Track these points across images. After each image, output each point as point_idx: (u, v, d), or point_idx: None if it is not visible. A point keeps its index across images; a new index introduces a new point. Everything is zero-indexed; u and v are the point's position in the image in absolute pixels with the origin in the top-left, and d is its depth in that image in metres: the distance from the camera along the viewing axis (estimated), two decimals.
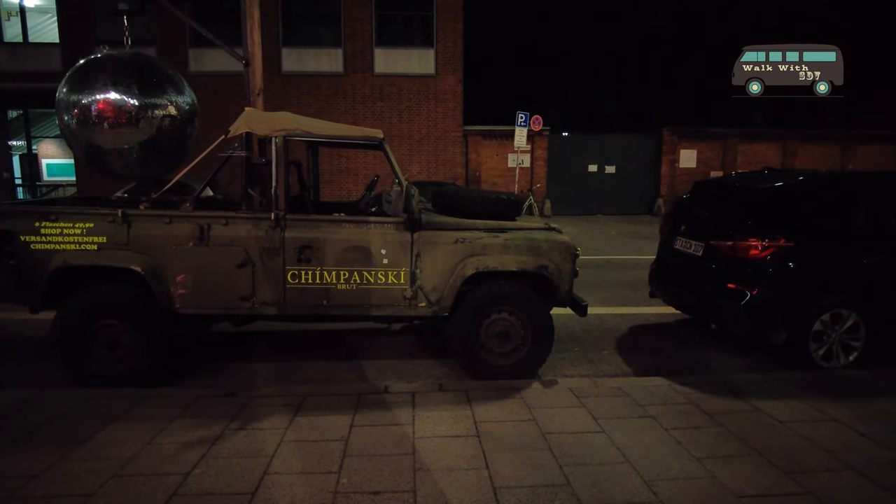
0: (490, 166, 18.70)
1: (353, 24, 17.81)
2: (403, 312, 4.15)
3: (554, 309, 4.36)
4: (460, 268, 4.08)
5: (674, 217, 5.83)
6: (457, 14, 17.92)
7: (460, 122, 18.25)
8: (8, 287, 4.00)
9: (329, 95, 17.90)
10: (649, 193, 19.52)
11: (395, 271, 4.06)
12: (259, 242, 3.95)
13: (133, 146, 4.39)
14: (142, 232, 3.92)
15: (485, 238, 4.13)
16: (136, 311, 3.97)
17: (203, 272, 3.95)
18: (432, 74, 18.10)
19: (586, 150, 19.28)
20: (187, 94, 4.69)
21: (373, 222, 4.08)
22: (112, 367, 4.04)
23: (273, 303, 4.03)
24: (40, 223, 3.91)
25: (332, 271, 4.02)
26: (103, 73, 4.31)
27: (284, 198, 4.01)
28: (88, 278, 4.01)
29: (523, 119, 15.77)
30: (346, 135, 4.25)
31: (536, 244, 4.17)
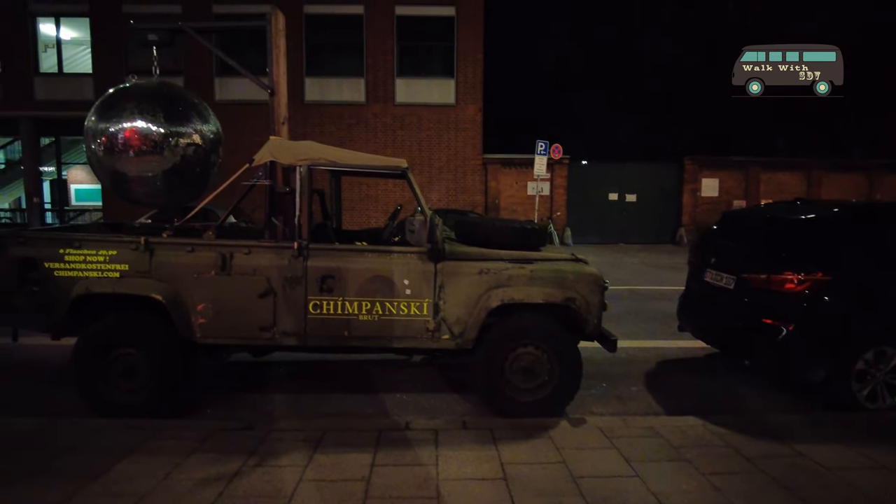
0: (509, 194, 18.67)
1: (375, 54, 18.12)
2: (426, 345, 4.04)
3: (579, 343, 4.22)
4: (484, 299, 3.97)
5: (703, 249, 5.67)
6: (477, 45, 18.15)
7: (480, 150, 18.32)
8: (31, 313, 3.98)
9: (351, 125, 18.13)
10: (671, 222, 19.30)
11: (418, 302, 3.96)
12: (281, 272, 3.89)
13: (157, 174, 4.40)
14: (164, 260, 3.88)
15: (510, 269, 4.02)
16: (155, 341, 3.91)
17: (224, 301, 3.89)
18: (452, 104, 18.26)
19: (606, 179, 19.19)
20: (212, 123, 4.71)
21: (396, 252, 4.01)
22: (129, 396, 3.97)
23: (294, 333, 3.95)
24: (64, 250, 3.90)
25: (353, 301, 3.93)
26: (131, 101, 4.35)
27: (308, 227, 3.96)
28: (110, 306, 3.98)
29: (543, 147, 15.76)
30: (370, 164, 4.22)
31: (563, 276, 4.05)
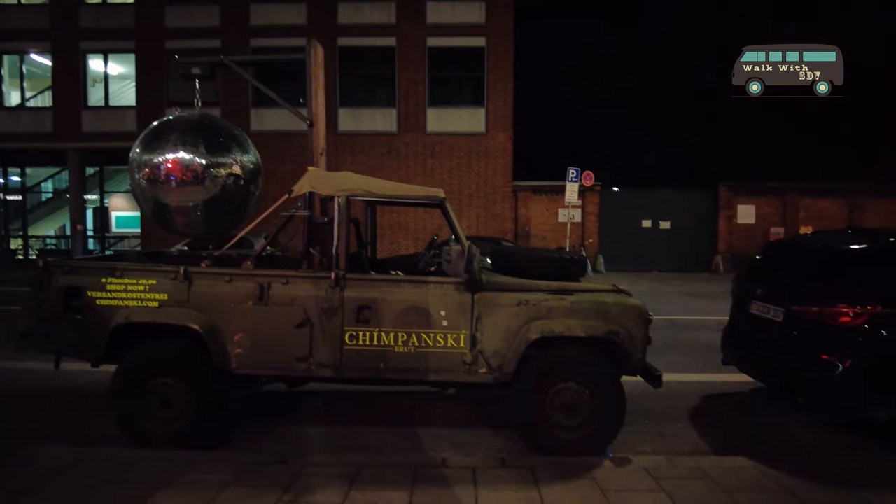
0: (540, 221, 18.57)
1: (407, 85, 18.42)
2: (462, 378, 3.94)
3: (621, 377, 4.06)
4: (523, 332, 3.87)
5: (747, 279, 5.47)
6: (507, 74, 18.32)
7: (510, 177, 18.34)
8: (73, 341, 4.03)
9: (383, 153, 18.38)
10: (706, 250, 18.87)
11: (455, 334, 3.88)
12: (318, 302, 3.86)
13: (198, 204, 4.46)
14: (202, 290, 3.90)
15: (549, 300, 3.92)
16: (191, 371, 3.91)
17: (261, 332, 3.88)
18: (483, 132, 18.39)
19: (639, 206, 18.94)
20: (251, 154, 4.78)
21: (432, 282, 3.95)
22: (165, 426, 3.96)
23: (329, 365, 3.90)
24: (106, 279, 3.95)
25: (389, 333, 3.87)
26: (173, 133, 4.44)
27: (345, 257, 3.94)
28: (148, 335, 4.00)
29: (574, 174, 15.66)
30: (408, 195, 4.20)
31: (605, 308, 3.93)
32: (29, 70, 20.64)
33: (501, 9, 18.36)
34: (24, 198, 21.47)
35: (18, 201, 21.46)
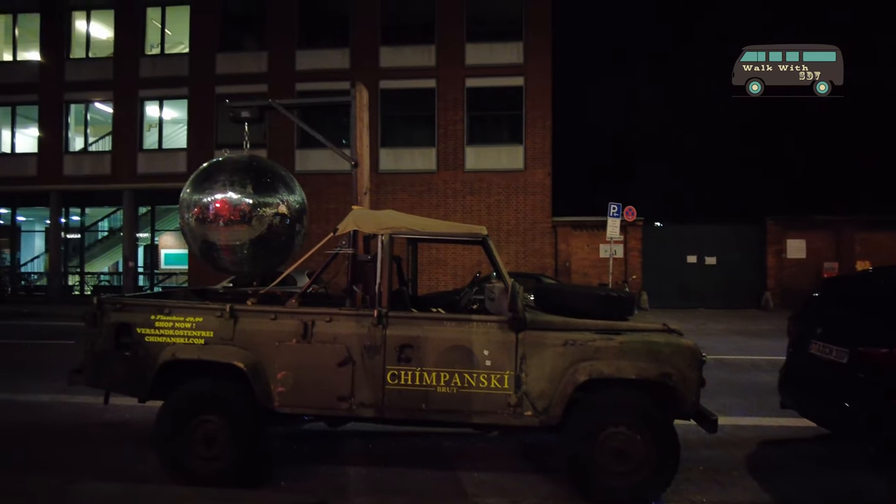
0: (581, 257, 18.32)
1: (446, 125, 18.75)
2: (507, 421, 3.82)
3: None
4: (570, 373, 3.74)
5: (804, 317, 5.21)
6: (546, 112, 18.45)
7: (549, 213, 18.25)
8: (122, 377, 4.10)
9: (422, 191, 18.62)
10: (754, 286, 18.19)
11: (499, 375, 3.78)
12: (361, 340, 3.84)
13: (245, 243, 4.55)
14: (247, 327, 3.93)
15: (597, 340, 3.79)
16: (235, 408, 3.91)
17: (304, 370, 3.87)
18: (521, 169, 18.45)
19: (683, 241, 18.50)
20: (298, 194, 4.89)
21: (475, 321, 3.88)
22: (208, 464, 3.95)
23: (371, 404, 3.85)
24: (155, 316, 4.03)
25: (432, 372, 3.80)
26: (223, 174, 4.59)
27: (388, 295, 3.93)
28: (194, 372, 4.04)
29: (616, 209, 15.46)
30: (450, 232, 4.19)
31: (657, 349, 3.77)
32: (92, 117, 21.95)
33: (539, 49, 18.63)
34: (83, 236, 22.55)
35: (77, 239, 22.54)
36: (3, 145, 22.15)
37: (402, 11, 19.46)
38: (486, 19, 18.98)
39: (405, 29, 19.46)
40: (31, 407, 6.10)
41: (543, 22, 18.75)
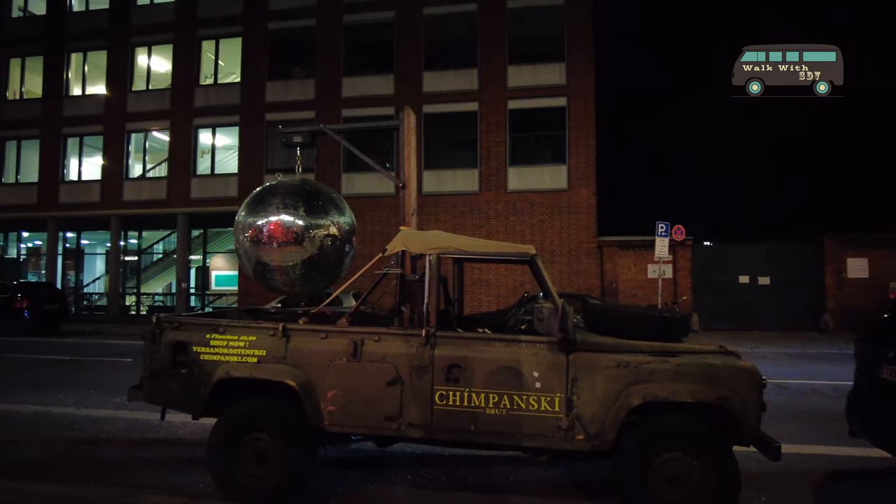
0: (628, 277, 17.95)
1: (488, 146, 18.86)
2: (558, 445, 3.73)
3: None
4: (624, 396, 3.64)
5: (874, 340, 4.93)
6: (589, 132, 18.34)
7: (594, 233, 18.00)
8: (178, 394, 4.22)
9: (464, 212, 18.70)
10: (811, 307, 17.39)
11: (549, 397, 3.71)
12: (409, 360, 3.85)
13: (297, 264, 4.66)
14: (299, 346, 4.00)
15: (652, 362, 3.68)
16: (286, 427, 3.96)
17: (353, 389, 3.90)
18: (565, 189, 18.33)
19: (735, 260, 17.92)
20: (347, 215, 4.98)
21: (524, 341, 3.84)
22: (259, 482, 3.99)
23: (419, 425, 3.83)
24: (210, 335, 4.14)
25: (480, 393, 3.77)
26: (276, 197, 4.72)
27: (436, 315, 3.93)
28: (246, 390, 4.12)
29: (664, 229, 15.13)
30: (498, 252, 4.18)
31: (714, 371, 3.64)
32: (150, 145, 23.10)
33: (581, 69, 18.61)
34: (139, 258, 23.57)
35: (134, 262, 23.57)
36: (71, 173, 23.52)
37: (445, 37, 19.81)
38: (528, 42, 19.11)
39: (447, 54, 19.78)
40: (93, 421, 6.35)
41: (585, 42, 18.75)
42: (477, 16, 19.41)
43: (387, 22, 20.23)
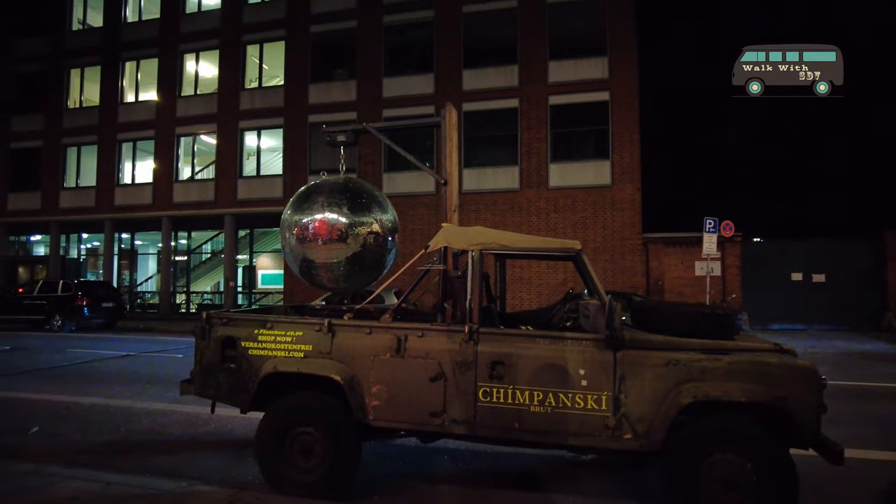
0: (674, 275, 17.49)
1: (529, 143, 18.68)
2: (605, 444, 3.66)
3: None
4: (673, 395, 3.54)
5: None
6: (633, 126, 17.95)
7: (639, 229, 17.61)
8: (227, 388, 4.33)
9: (505, 210, 18.58)
10: (871, 306, 16.55)
11: (595, 395, 3.64)
12: (452, 356, 3.85)
13: (341, 261, 4.72)
14: (344, 342, 4.05)
15: (703, 360, 3.57)
16: (331, 421, 4.01)
17: (397, 384, 3.92)
18: (608, 185, 17.99)
19: (787, 257, 17.22)
20: (390, 213, 5.02)
21: (570, 339, 3.78)
22: (305, 475, 4.06)
23: (463, 421, 3.82)
24: (258, 331, 4.24)
25: (524, 391, 3.73)
26: (321, 195, 4.80)
27: (479, 311, 3.91)
28: (291, 384, 4.20)
29: (712, 225, 14.68)
30: (542, 247, 4.13)
31: (769, 370, 3.50)
32: (198, 149, 23.84)
33: (624, 62, 18.22)
34: (189, 258, 24.37)
35: (184, 261, 24.39)
36: (125, 177, 24.51)
37: (484, 35, 19.71)
38: (569, 36, 18.83)
39: (487, 51, 19.68)
40: (149, 414, 6.60)
41: (628, 35, 18.35)
42: (517, 12, 19.24)
43: (426, 21, 20.29)
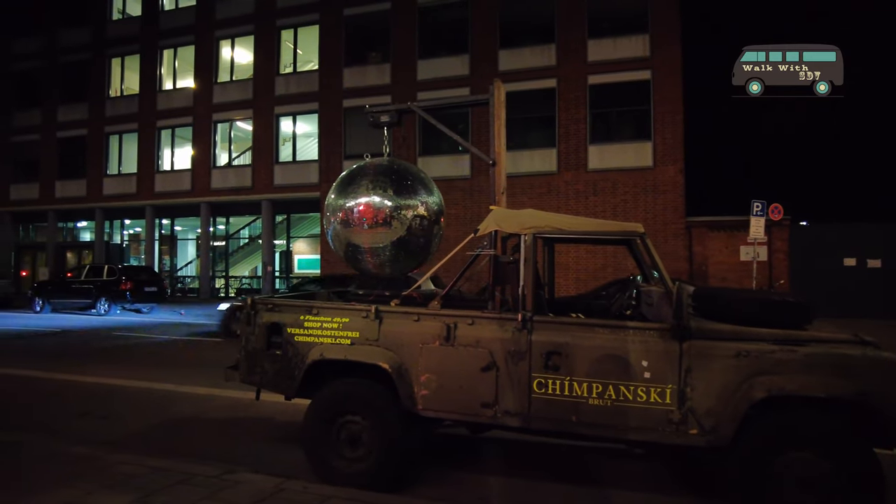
0: (718, 260, 16.91)
1: (567, 124, 18.23)
2: (668, 439, 3.45)
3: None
4: (745, 389, 3.30)
5: None
6: (676, 105, 17.32)
7: (682, 213, 17.06)
8: (272, 375, 4.27)
9: (542, 193, 18.23)
10: None
11: (659, 388, 3.43)
12: (504, 345, 3.68)
13: (386, 245, 4.59)
14: (391, 329, 3.92)
15: (777, 352, 3.31)
16: (379, 410, 3.91)
17: (447, 373, 3.78)
18: (650, 167, 17.45)
19: (840, 241, 16.42)
20: (436, 195, 4.86)
21: (632, 328, 3.56)
22: (351, 464, 3.98)
23: (516, 413, 3.66)
24: (304, 317, 4.14)
25: (582, 382, 3.54)
26: (365, 178, 4.66)
27: (532, 298, 3.72)
28: (337, 371, 4.10)
29: (760, 208, 14.09)
30: (602, 231, 3.90)
31: (850, 362, 3.22)
32: (235, 135, 24.08)
33: (667, 40, 17.53)
34: (227, 243, 24.77)
35: (222, 246, 24.80)
36: (164, 163, 24.98)
37: (521, 14, 19.23)
38: (609, 14, 18.20)
39: (524, 30, 19.21)
40: (192, 399, 6.65)
41: (670, 11, 17.63)
42: None
43: (461, 1, 19.90)
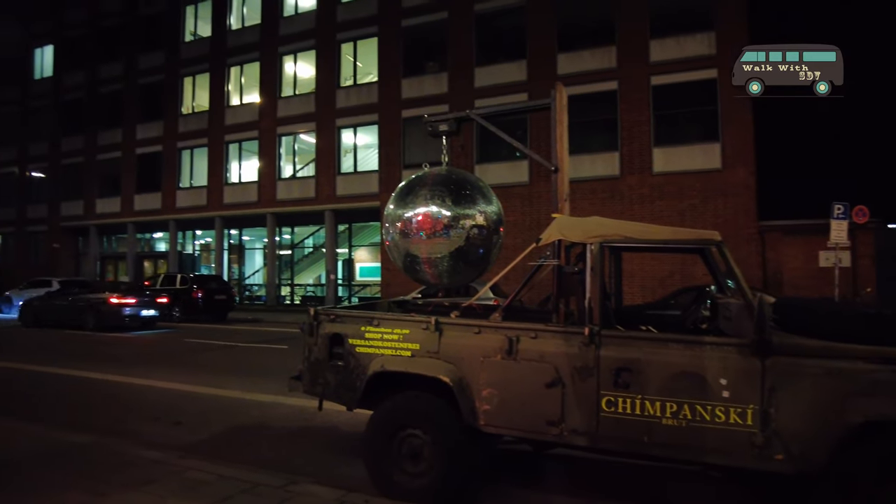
0: (794, 266, 15.93)
1: (630, 127, 17.73)
2: (751, 464, 3.18)
3: None
4: (838, 412, 3.00)
5: None
6: (745, 104, 16.48)
7: (754, 217, 16.19)
8: (334, 386, 4.27)
9: (604, 198, 17.77)
10: None
11: (739, 408, 3.17)
12: (570, 360, 3.51)
13: (444, 255, 4.52)
14: (451, 341, 3.84)
15: (876, 371, 3.00)
16: (440, 424, 3.82)
17: (509, 388, 3.65)
18: (718, 169, 16.68)
19: None
20: (495, 204, 4.75)
21: (708, 343, 3.32)
22: (412, 480, 3.90)
23: (584, 432, 3.48)
24: (365, 328, 4.12)
25: (655, 401, 3.33)
26: (424, 188, 4.61)
27: (599, 311, 3.55)
28: (398, 384, 4.05)
29: (842, 210, 13.15)
30: (676, 239, 3.67)
31: None
32: (298, 147, 24.85)
33: (734, 36, 16.72)
34: (292, 252, 25.53)
35: (287, 255, 25.59)
36: (232, 176, 26.07)
37: (579, 16, 18.89)
38: (671, 12, 17.59)
39: (582, 33, 18.86)
40: (258, 406, 6.79)
41: (738, 6, 16.84)
42: None
43: (518, 7, 19.76)
